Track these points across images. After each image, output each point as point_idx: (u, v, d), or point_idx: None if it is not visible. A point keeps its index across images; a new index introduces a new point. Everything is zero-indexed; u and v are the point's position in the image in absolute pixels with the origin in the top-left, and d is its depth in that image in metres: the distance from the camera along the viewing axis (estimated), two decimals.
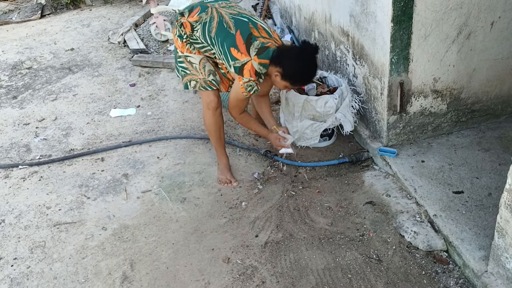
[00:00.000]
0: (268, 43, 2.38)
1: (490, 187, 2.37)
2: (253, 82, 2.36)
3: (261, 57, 2.34)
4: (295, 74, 2.38)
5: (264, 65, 2.36)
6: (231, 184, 2.70)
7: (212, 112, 2.59)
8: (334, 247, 2.25)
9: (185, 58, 2.53)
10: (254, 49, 2.34)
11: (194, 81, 2.55)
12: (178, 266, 2.23)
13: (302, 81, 2.49)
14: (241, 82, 2.37)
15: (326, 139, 2.96)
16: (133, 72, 4.15)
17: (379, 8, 2.42)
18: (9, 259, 2.35)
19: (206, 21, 2.42)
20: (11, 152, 3.19)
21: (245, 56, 2.34)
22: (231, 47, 2.35)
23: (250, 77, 2.35)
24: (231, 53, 2.36)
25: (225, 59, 2.40)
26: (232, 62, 2.37)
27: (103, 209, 2.62)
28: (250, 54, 2.34)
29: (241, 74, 2.37)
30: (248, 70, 2.34)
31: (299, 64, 2.36)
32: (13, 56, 4.61)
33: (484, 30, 2.49)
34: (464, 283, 2.03)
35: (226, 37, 2.37)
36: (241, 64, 2.35)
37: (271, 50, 2.37)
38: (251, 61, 2.34)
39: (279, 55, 2.36)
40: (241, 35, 2.35)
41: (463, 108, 2.74)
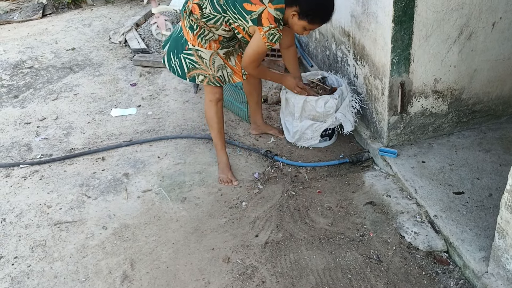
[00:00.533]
0: None
1: (490, 188, 2.36)
2: (274, 29, 2.31)
3: (275, 3, 2.31)
4: (312, 9, 2.33)
5: (281, 10, 2.32)
6: (231, 184, 2.70)
7: (214, 103, 2.63)
8: (334, 247, 2.25)
9: (196, 51, 2.51)
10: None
11: (202, 76, 2.55)
12: (178, 266, 2.23)
13: (320, 16, 2.40)
14: (261, 32, 2.32)
15: (326, 139, 2.96)
16: (134, 71, 4.15)
17: (380, 9, 2.42)
18: (9, 258, 2.35)
19: None
20: (12, 151, 3.19)
21: (259, 6, 2.31)
22: (244, 2, 2.32)
23: (270, 25, 2.30)
24: (245, 9, 2.32)
25: (241, 17, 2.35)
26: (249, 16, 2.33)
27: (103, 208, 2.62)
28: (263, 2, 2.32)
29: (260, 25, 2.32)
30: (266, 19, 2.30)
31: None
32: (14, 56, 4.62)
33: (485, 31, 2.49)
34: (464, 284, 2.02)
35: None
36: (257, 14, 2.31)
37: None
38: (266, 9, 2.31)
39: None
40: None
41: (464, 109, 2.74)
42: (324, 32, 3.37)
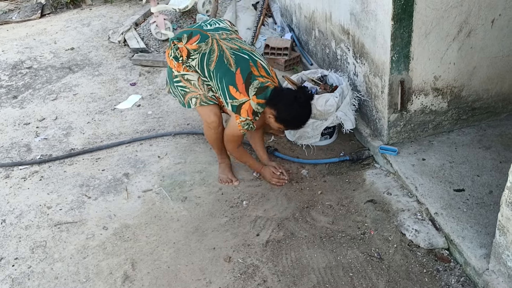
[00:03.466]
0: (267, 83, 2.37)
1: (491, 185, 2.36)
2: (250, 121, 2.38)
3: (259, 97, 2.35)
4: (288, 119, 2.39)
5: (262, 105, 2.37)
6: (232, 183, 2.70)
7: (214, 131, 2.61)
8: (335, 245, 2.25)
9: (182, 76, 2.50)
10: (253, 89, 2.34)
11: (194, 98, 2.53)
12: (179, 266, 2.23)
13: (295, 126, 2.50)
14: (238, 120, 2.39)
15: (327, 137, 2.96)
16: (134, 71, 4.15)
17: (380, 7, 2.41)
18: (10, 259, 2.35)
19: (205, 52, 2.39)
20: (12, 152, 3.19)
21: (243, 96, 2.35)
22: (230, 85, 2.35)
23: (248, 117, 2.36)
24: (229, 91, 2.36)
25: (223, 95, 2.40)
26: (230, 101, 2.38)
27: (104, 208, 2.62)
28: (249, 94, 2.34)
29: (238, 113, 2.37)
30: (245, 110, 2.35)
31: (294, 110, 2.35)
32: (13, 56, 4.61)
33: (484, 28, 2.49)
34: (465, 281, 2.03)
35: (225, 73, 2.35)
36: (239, 103, 2.36)
37: (269, 89, 2.37)
38: (249, 101, 2.35)
39: (274, 97, 2.36)
40: (241, 74, 2.34)
41: (464, 106, 2.74)
42: (323, 31, 3.37)
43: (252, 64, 2.38)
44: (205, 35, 2.43)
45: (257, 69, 2.38)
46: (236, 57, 2.37)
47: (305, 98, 2.37)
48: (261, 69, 2.40)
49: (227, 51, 2.39)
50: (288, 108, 2.33)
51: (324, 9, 3.25)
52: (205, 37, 2.42)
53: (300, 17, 3.91)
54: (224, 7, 4.98)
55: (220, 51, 2.38)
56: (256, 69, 2.38)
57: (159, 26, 4.55)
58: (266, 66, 2.45)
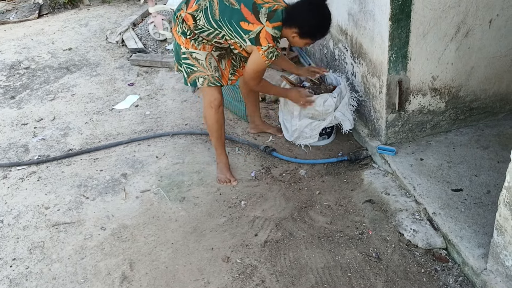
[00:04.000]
0: (275, 6, 2.35)
1: (489, 184, 2.37)
2: (273, 48, 2.33)
3: (272, 21, 2.32)
4: (313, 29, 2.35)
5: (278, 28, 2.33)
6: (230, 183, 2.70)
7: (215, 110, 2.59)
8: (334, 245, 2.25)
9: (190, 54, 2.49)
10: (263, 16, 2.31)
11: (202, 78, 2.52)
12: (178, 266, 2.23)
13: (322, 33, 2.43)
14: (261, 51, 2.34)
15: (325, 137, 2.96)
16: (132, 71, 4.14)
17: (378, 7, 2.41)
18: (8, 259, 2.34)
19: (206, 6, 2.38)
20: (9, 152, 3.18)
21: (257, 25, 2.31)
22: (240, 21, 2.33)
23: (269, 44, 2.32)
24: (242, 28, 2.33)
25: (238, 36, 2.35)
26: (246, 36, 2.33)
27: (102, 209, 2.61)
28: (261, 21, 2.31)
29: (258, 44, 2.33)
30: (264, 38, 2.31)
31: (314, 17, 2.32)
32: (10, 56, 4.60)
33: (482, 28, 2.49)
34: (463, 280, 2.03)
35: (232, 14, 2.34)
36: (255, 34, 2.32)
37: (279, 11, 2.34)
38: (264, 28, 2.31)
39: (290, 15, 2.32)
40: (246, 7, 2.32)
41: (462, 106, 2.74)
42: None
43: None
44: None
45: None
46: None
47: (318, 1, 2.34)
48: None
49: None
50: (309, 18, 2.30)
51: None
52: None
53: None
54: None
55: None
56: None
57: (157, 26, 4.55)
58: None
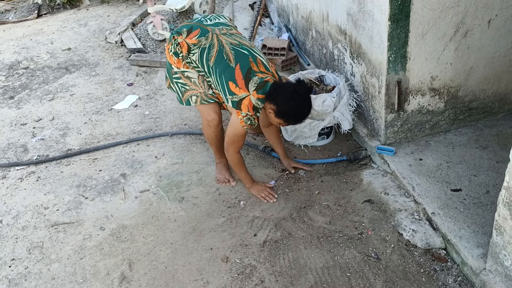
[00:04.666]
0: (267, 78, 2.35)
1: (488, 184, 2.37)
2: (251, 116, 2.33)
3: (259, 92, 2.32)
4: (288, 114, 2.33)
5: (262, 100, 2.33)
6: (229, 183, 2.70)
7: (214, 129, 2.59)
8: (333, 245, 2.25)
9: (182, 73, 2.47)
10: (253, 84, 2.31)
11: (195, 96, 2.51)
12: (177, 266, 2.22)
13: (295, 120, 2.42)
14: (240, 116, 2.34)
15: (324, 137, 2.97)
16: (131, 71, 4.14)
17: (377, 7, 2.42)
18: (7, 259, 2.34)
19: (205, 47, 2.37)
20: (8, 152, 3.18)
21: (243, 92, 2.31)
22: (230, 81, 2.32)
23: (248, 112, 2.32)
24: (229, 87, 2.33)
25: (222, 91, 2.37)
26: (230, 97, 2.34)
27: (101, 209, 2.61)
28: (249, 89, 2.31)
29: (239, 109, 2.33)
30: (246, 105, 2.31)
31: (293, 104, 2.29)
32: (9, 56, 4.59)
33: (481, 28, 2.49)
34: (462, 280, 2.03)
35: (225, 69, 2.33)
36: (239, 99, 2.32)
37: (269, 84, 2.34)
38: (249, 97, 2.31)
39: (273, 92, 2.31)
40: (240, 70, 2.32)
41: (461, 106, 2.74)
42: (320, 31, 3.37)
43: (252, 60, 2.36)
44: (205, 30, 2.41)
45: (256, 65, 2.36)
46: (235, 53, 2.36)
47: (304, 90, 2.32)
48: (260, 65, 2.37)
49: (227, 46, 2.37)
50: (287, 101, 2.28)
51: (321, 9, 3.25)
52: (205, 31, 2.41)
53: (297, 18, 3.91)
54: (221, 7, 4.98)
55: (220, 46, 2.36)
56: (255, 65, 2.35)
57: (156, 27, 4.55)
58: (266, 62, 2.43)
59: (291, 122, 2.42)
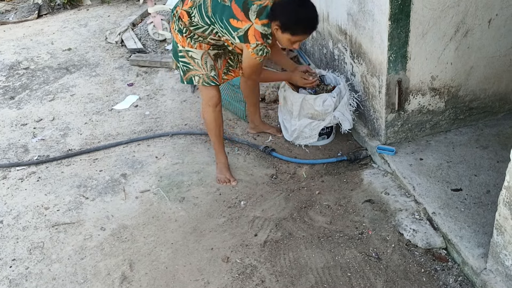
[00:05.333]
0: (265, 2, 2.30)
1: (488, 184, 2.37)
2: (262, 45, 2.29)
3: (262, 18, 2.27)
4: (292, 21, 2.25)
5: (267, 25, 2.28)
6: (230, 183, 2.70)
7: (213, 108, 2.59)
8: (333, 245, 2.25)
9: (186, 52, 2.49)
10: (253, 13, 2.28)
11: (197, 77, 2.52)
12: (177, 266, 2.23)
13: (302, 28, 2.30)
14: (249, 49, 2.30)
15: (324, 137, 2.96)
16: (131, 71, 4.14)
17: (377, 7, 2.41)
18: (7, 260, 2.34)
19: (200, 3, 2.38)
20: (9, 152, 3.18)
21: (245, 23, 2.27)
22: (230, 18, 2.30)
23: (257, 41, 2.28)
24: (231, 25, 2.30)
25: (228, 33, 2.33)
26: (235, 33, 2.30)
27: (101, 209, 2.61)
28: (250, 19, 2.28)
29: (247, 42, 2.29)
30: (253, 36, 2.27)
31: (294, 10, 2.23)
32: (10, 57, 4.60)
33: (481, 28, 2.49)
34: (463, 280, 2.03)
35: (222, 11, 2.32)
36: (244, 31, 2.28)
37: (269, 7, 2.30)
38: (253, 26, 2.27)
39: (274, 9, 2.27)
40: (236, 4, 2.30)
41: (461, 106, 2.74)
42: (321, 31, 3.37)
43: None
44: None
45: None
46: None
47: None
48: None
49: None
50: (289, 10, 2.23)
51: (321, 9, 3.25)
52: None
53: None
54: None
55: None
56: None
57: (157, 27, 4.55)
58: None
59: (299, 32, 2.30)
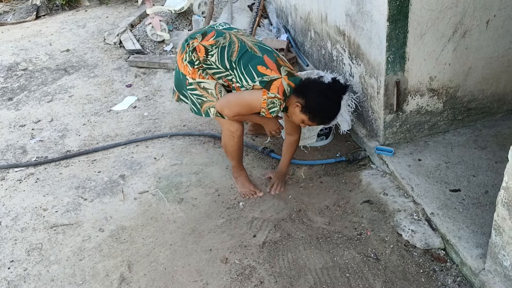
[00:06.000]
0: (294, 72, 2.31)
1: (486, 185, 2.37)
2: (278, 101, 2.20)
3: (290, 79, 2.23)
4: (316, 110, 2.21)
5: (291, 89, 2.23)
6: (256, 195, 2.59)
7: (237, 140, 2.47)
8: (332, 246, 2.25)
9: (198, 84, 2.36)
10: (284, 71, 2.23)
11: (213, 108, 2.39)
12: (176, 267, 2.22)
13: (322, 119, 2.27)
14: (265, 96, 2.20)
15: (323, 138, 2.97)
16: (129, 72, 4.14)
17: (375, 8, 2.42)
18: (6, 261, 2.34)
19: (224, 45, 2.29)
20: (7, 154, 3.17)
21: (275, 73, 2.21)
22: (258, 65, 2.21)
23: (277, 94, 2.19)
24: (257, 71, 2.21)
25: (249, 77, 2.22)
26: (259, 78, 2.20)
27: (100, 210, 2.61)
28: (280, 72, 2.22)
29: (267, 88, 2.20)
30: (276, 87, 2.19)
31: (324, 100, 2.19)
32: (8, 58, 4.59)
33: (479, 29, 2.50)
34: (461, 281, 2.03)
35: (251, 58, 2.24)
36: (269, 79, 2.20)
37: (297, 78, 2.28)
38: (281, 79, 2.20)
39: (305, 85, 2.22)
40: (268, 57, 2.24)
41: (459, 107, 2.75)
42: (319, 32, 3.37)
43: (277, 56, 2.30)
44: (221, 32, 2.35)
45: (282, 61, 2.29)
46: (259, 47, 2.29)
47: (340, 88, 2.22)
48: (285, 62, 2.32)
49: (249, 42, 2.30)
50: (320, 97, 2.18)
51: (320, 10, 3.25)
52: (221, 33, 2.34)
53: (296, 18, 3.92)
54: (220, 8, 4.98)
55: (241, 42, 2.29)
56: (281, 60, 2.29)
57: (155, 28, 4.55)
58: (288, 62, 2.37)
59: (316, 120, 2.27)
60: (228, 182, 2.72)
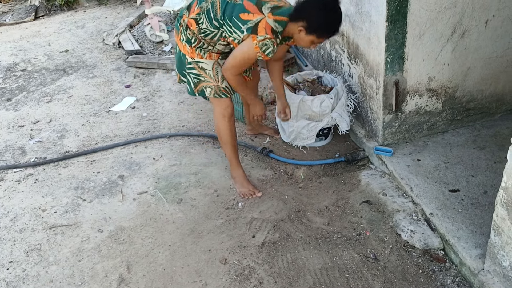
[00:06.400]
0: (280, 4, 2.23)
1: (485, 185, 2.37)
2: (270, 40, 2.14)
3: (276, 14, 2.16)
4: (321, 25, 2.16)
5: (281, 22, 2.16)
6: (255, 195, 2.60)
7: (228, 119, 2.49)
8: (331, 246, 2.25)
9: (197, 64, 2.40)
10: (267, 8, 2.19)
11: (209, 88, 2.43)
12: (175, 268, 2.22)
13: (329, 30, 2.21)
14: (255, 41, 2.15)
15: (322, 138, 2.97)
16: (128, 73, 4.14)
17: (374, 8, 2.42)
18: (4, 262, 2.33)
19: (208, 7, 2.29)
20: (6, 154, 3.17)
21: (257, 15, 2.15)
22: (241, 13, 2.17)
23: (266, 34, 2.13)
24: (241, 19, 2.17)
25: (237, 29, 2.19)
26: (244, 26, 2.16)
27: (99, 211, 2.60)
28: (263, 11, 2.16)
29: (254, 33, 2.15)
30: (263, 28, 2.14)
31: (324, 13, 2.13)
32: (7, 58, 4.58)
33: (478, 29, 2.50)
34: (461, 281, 2.03)
35: (233, 9, 2.21)
36: (254, 23, 2.15)
37: (285, 8, 2.21)
38: (265, 19, 2.14)
39: (299, 8, 2.16)
40: (249, 1, 2.20)
41: (458, 107, 2.75)
42: None
43: None
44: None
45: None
46: None
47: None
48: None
49: None
50: (319, 11, 2.12)
51: None
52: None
53: None
54: None
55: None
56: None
57: (154, 28, 4.55)
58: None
59: (324, 35, 2.22)
60: (227, 183, 2.72)
